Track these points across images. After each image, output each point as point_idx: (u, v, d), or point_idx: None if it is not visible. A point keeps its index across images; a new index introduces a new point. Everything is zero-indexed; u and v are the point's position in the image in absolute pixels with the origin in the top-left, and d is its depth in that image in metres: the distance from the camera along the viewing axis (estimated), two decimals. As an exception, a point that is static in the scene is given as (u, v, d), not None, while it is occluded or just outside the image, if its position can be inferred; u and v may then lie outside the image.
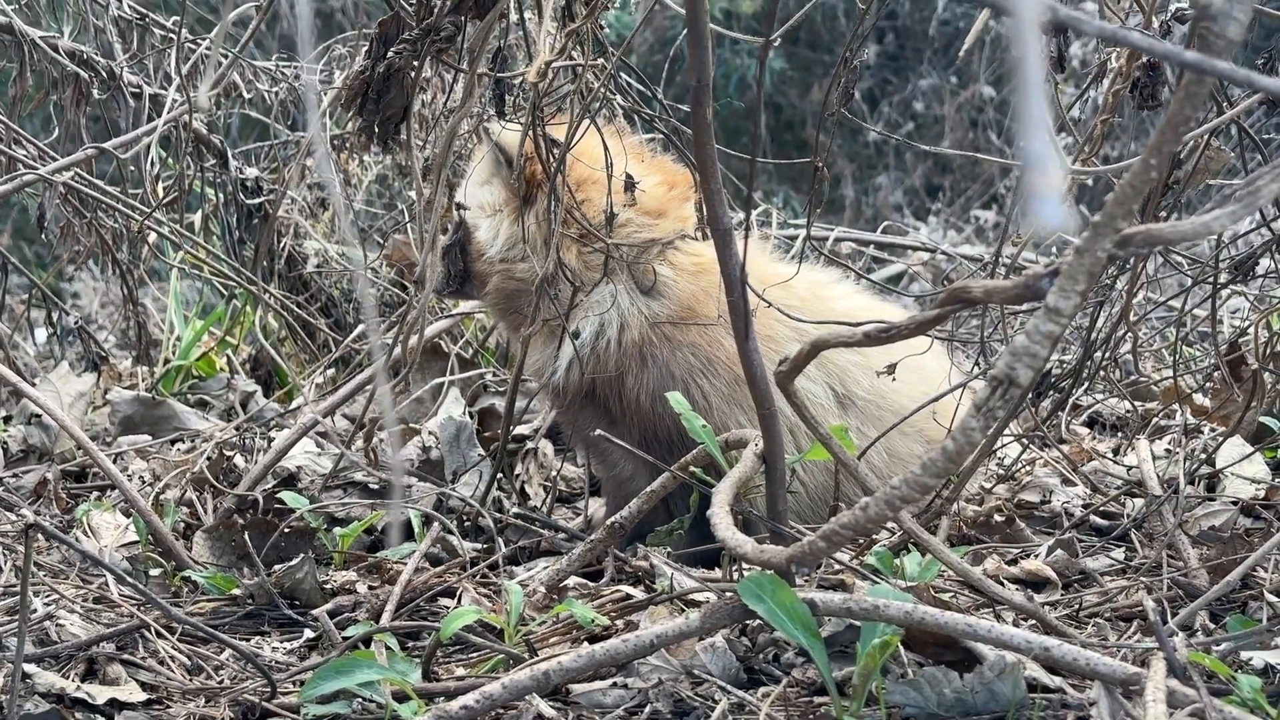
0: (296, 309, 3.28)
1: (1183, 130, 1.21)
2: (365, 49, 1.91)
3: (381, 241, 3.54)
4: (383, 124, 1.87)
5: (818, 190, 2.07)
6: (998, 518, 2.46)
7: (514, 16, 2.21)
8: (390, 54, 1.80)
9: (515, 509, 2.67)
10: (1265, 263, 2.36)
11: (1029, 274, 1.29)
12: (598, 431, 2.18)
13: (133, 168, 3.00)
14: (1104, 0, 2.08)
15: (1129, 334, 2.21)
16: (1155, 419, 3.01)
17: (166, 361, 3.54)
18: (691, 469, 1.93)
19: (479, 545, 2.46)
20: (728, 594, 1.69)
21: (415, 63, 1.83)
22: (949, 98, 9.63)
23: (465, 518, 2.61)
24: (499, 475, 2.69)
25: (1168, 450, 2.74)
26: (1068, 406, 2.96)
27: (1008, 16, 0.65)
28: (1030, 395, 2.29)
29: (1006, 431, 2.40)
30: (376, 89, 1.84)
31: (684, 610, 1.85)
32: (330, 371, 3.08)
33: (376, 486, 2.70)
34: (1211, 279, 2.22)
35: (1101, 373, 2.59)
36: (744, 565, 1.83)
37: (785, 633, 1.58)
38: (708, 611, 1.62)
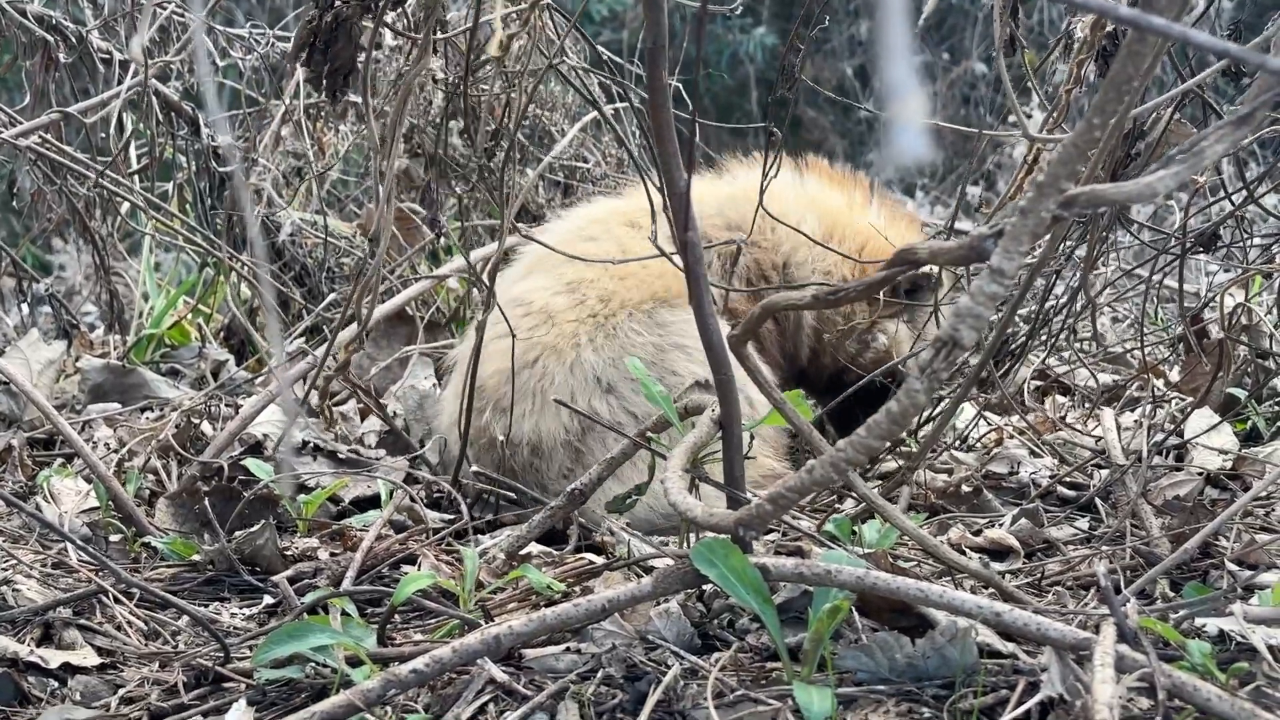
0: (269, 277, 3.27)
1: (1125, 89, 1.20)
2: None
3: (357, 211, 3.52)
4: (331, 75, 1.84)
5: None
6: (966, 488, 2.45)
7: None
8: (337, 3, 1.78)
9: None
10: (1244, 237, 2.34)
11: (973, 235, 1.28)
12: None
13: (103, 134, 2.97)
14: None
15: (1089, 305, 2.19)
16: (1128, 390, 3.00)
17: (140, 330, 3.53)
18: (649, 435, 1.92)
19: (446, 517, 2.45)
20: (682, 559, 1.68)
21: (364, 12, 1.81)
22: (941, 74, 9.60)
23: (435, 488, 2.59)
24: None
25: (1136, 422, 2.73)
26: (1021, 375, 2.95)
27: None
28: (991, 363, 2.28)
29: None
30: (324, 39, 1.81)
31: (640, 576, 1.85)
32: (302, 340, 3.07)
33: (344, 456, 2.68)
34: (1177, 248, 2.20)
35: (1072, 341, 2.58)
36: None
37: (737, 597, 1.58)
38: (659, 576, 1.62)
